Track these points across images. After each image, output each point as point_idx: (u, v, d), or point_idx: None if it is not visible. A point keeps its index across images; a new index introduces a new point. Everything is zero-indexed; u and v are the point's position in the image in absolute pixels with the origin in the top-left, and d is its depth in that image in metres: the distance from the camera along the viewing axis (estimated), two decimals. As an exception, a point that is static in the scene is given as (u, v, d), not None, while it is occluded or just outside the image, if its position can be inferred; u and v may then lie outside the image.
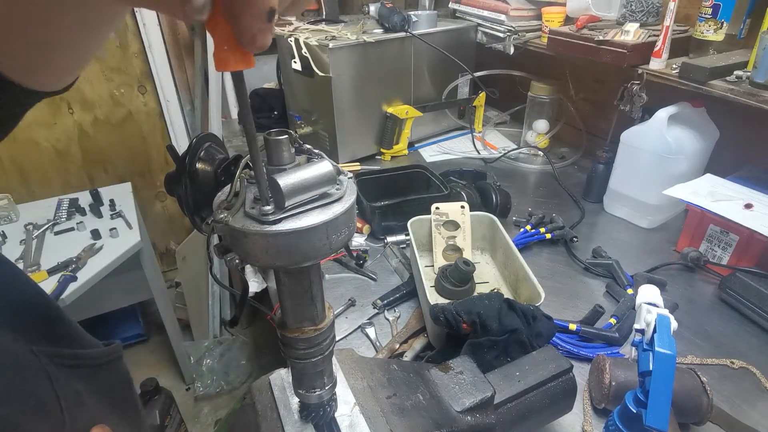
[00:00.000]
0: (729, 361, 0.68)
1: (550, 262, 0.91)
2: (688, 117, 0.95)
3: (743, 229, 0.78)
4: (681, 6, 0.92)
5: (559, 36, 1.07)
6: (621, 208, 1.04)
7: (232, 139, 1.52)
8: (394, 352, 0.70)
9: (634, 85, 0.96)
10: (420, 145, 1.40)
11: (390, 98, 1.27)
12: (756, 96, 0.77)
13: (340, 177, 0.30)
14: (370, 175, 1.05)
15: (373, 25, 1.24)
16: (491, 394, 0.48)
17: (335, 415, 0.41)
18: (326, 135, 1.23)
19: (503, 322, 0.57)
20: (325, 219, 0.26)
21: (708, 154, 0.99)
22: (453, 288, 0.75)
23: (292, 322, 0.34)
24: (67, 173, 1.83)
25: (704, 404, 0.56)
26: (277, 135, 0.29)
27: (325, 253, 0.28)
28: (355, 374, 0.46)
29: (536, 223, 0.97)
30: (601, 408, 0.61)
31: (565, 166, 1.28)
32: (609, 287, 0.83)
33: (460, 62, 1.28)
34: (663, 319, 0.47)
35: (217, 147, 0.55)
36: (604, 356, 0.62)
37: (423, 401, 0.46)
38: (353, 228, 0.30)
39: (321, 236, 0.27)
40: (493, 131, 1.49)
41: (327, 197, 0.27)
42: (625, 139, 0.98)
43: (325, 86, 1.14)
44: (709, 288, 0.83)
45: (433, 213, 0.84)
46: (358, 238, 0.96)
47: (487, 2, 1.27)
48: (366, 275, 0.87)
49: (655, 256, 0.91)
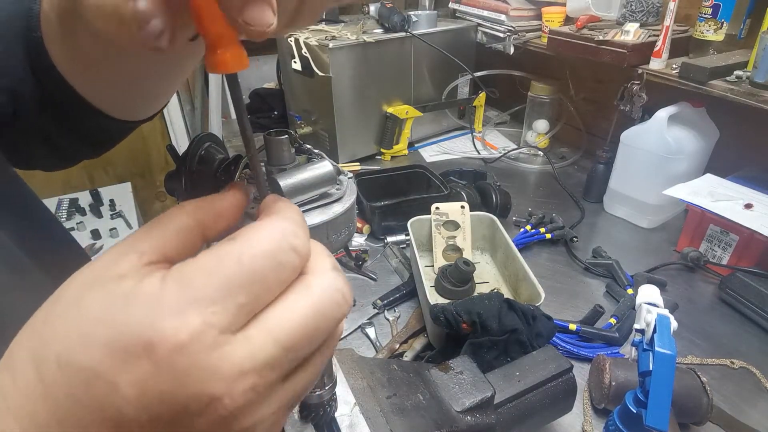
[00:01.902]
0: (729, 361, 0.68)
1: (550, 262, 0.91)
2: (688, 117, 0.95)
3: (743, 229, 0.78)
4: (681, 6, 0.92)
5: (559, 36, 1.07)
6: (621, 208, 1.04)
7: (231, 139, 1.52)
8: (394, 352, 0.70)
9: (634, 85, 0.96)
10: (420, 145, 1.40)
11: (390, 98, 1.27)
12: (756, 96, 0.77)
13: (340, 177, 0.30)
14: (370, 175, 1.05)
15: (373, 25, 1.24)
16: (491, 394, 0.48)
17: (335, 415, 0.41)
18: (326, 135, 1.23)
19: (503, 322, 0.57)
20: (325, 219, 0.26)
21: (708, 154, 0.99)
22: (453, 288, 0.75)
23: None
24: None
25: (704, 404, 0.56)
26: (277, 135, 0.29)
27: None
28: (355, 374, 0.46)
29: (536, 223, 0.97)
30: (601, 408, 0.61)
31: (565, 166, 1.28)
32: (609, 287, 0.83)
33: (460, 62, 1.28)
34: (663, 319, 0.47)
35: (217, 147, 0.55)
36: (604, 356, 0.62)
37: (423, 401, 0.46)
38: (353, 228, 0.30)
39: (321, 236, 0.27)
40: (493, 131, 1.49)
41: (327, 197, 0.27)
42: (625, 139, 0.98)
43: (325, 86, 1.14)
44: (709, 288, 0.83)
45: (433, 213, 0.84)
46: (358, 238, 0.96)
47: (487, 2, 1.27)
48: (366, 275, 0.87)
49: (655, 256, 0.91)
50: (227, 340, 0.18)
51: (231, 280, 0.18)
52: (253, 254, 0.19)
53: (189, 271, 0.18)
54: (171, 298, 0.18)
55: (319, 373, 0.21)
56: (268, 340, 0.18)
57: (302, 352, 0.19)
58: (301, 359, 0.20)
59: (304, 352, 0.19)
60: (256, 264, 0.19)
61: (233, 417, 0.18)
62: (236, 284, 0.18)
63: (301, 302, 0.19)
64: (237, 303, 0.18)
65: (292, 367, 0.19)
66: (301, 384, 0.20)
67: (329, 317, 0.20)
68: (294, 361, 0.19)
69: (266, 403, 0.19)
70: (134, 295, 0.18)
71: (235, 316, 0.18)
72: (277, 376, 0.18)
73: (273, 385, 0.19)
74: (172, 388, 0.17)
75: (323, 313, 0.19)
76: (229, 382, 0.17)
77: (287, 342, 0.18)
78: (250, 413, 0.18)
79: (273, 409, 0.19)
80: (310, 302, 0.19)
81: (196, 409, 0.17)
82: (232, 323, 0.18)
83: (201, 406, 0.17)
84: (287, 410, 0.21)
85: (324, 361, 0.22)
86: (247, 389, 0.17)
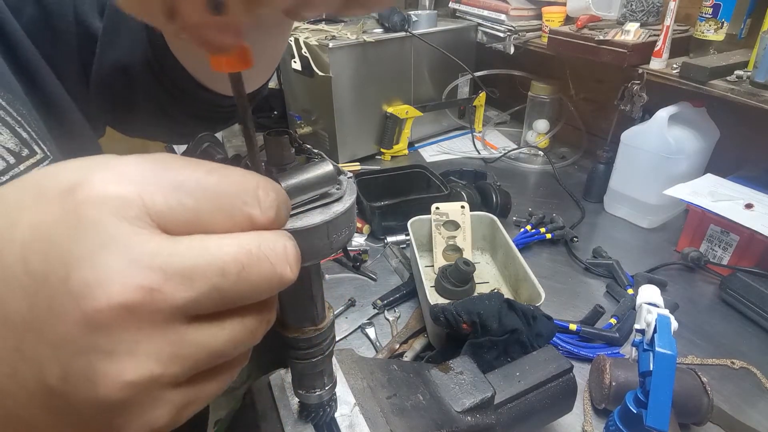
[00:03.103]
0: (729, 361, 0.68)
1: (550, 262, 0.91)
2: (689, 117, 0.94)
3: (744, 229, 0.78)
4: (681, 6, 0.92)
5: (559, 36, 1.07)
6: (621, 208, 1.04)
7: (231, 139, 1.52)
8: (394, 353, 0.70)
9: (635, 85, 0.96)
10: (420, 145, 1.40)
11: (390, 98, 1.27)
12: (756, 96, 0.77)
13: (339, 177, 0.30)
14: (370, 175, 1.05)
15: (373, 24, 1.24)
16: (491, 395, 0.48)
17: (335, 416, 0.41)
18: (326, 135, 1.23)
19: (503, 322, 0.57)
20: (326, 219, 0.26)
21: (708, 154, 0.99)
22: (453, 288, 0.75)
23: (292, 323, 0.34)
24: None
25: (705, 404, 0.56)
26: (277, 135, 0.29)
27: (326, 253, 0.28)
28: (355, 374, 0.46)
29: (536, 223, 0.97)
30: (601, 408, 0.61)
31: (565, 166, 1.28)
32: (609, 287, 0.83)
33: (460, 62, 1.28)
34: (663, 319, 0.47)
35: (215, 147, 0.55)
36: (604, 356, 0.62)
37: (423, 401, 0.46)
38: (353, 228, 0.29)
39: (322, 236, 0.27)
40: (493, 131, 1.49)
41: (327, 197, 0.27)
42: (626, 139, 0.98)
43: (325, 86, 1.13)
44: (710, 288, 0.83)
45: (433, 213, 0.83)
46: (358, 238, 0.96)
47: (487, 2, 1.27)
48: (366, 275, 0.87)
49: (655, 256, 0.91)
50: (148, 226, 0.15)
51: (185, 179, 0.17)
52: (222, 174, 0.18)
53: (156, 155, 0.17)
54: (119, 160, 0.16)
55: (233, 344, 0.18)
56: (187, 255, 0.16)
57: (208, 294, 0.16)
58: (208, 305, 0.16)
59: (210, 295, 0.16)
60: (217, 182, 0.17)
61: (105, 316, 0.14)
62: (188, 185, 0.17)
63: (240, 239, 0.17)
64: (179, 199, 0.16)
65: (195, 308, 0.16)
66: (206, 341, 0.17)
67: (256, 276, 0.17)
68: (200, 301, 0.16)
69: (152, 331, 0.15)
70: (88, 159, 0.17)
71: (171, 210, 0.16)
72: (175, 301, 0.15)
73: (165, 312, 0.15)
74: (64, 241, 0.15)
75: (252, 266, 0.17)
76: (127, 264, 0.15)
77: (201, 267, 0.16)
78: (130, 324, 0.15)
79: (154, 350, 0.15)
80: (246, 248, 0.17)
81: (76, 285, 0.14)
82: (165, 213, 0.16)
83: (81, 283, 0.14)
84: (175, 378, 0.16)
85: (243, 331, 0.18)
86: (139, 286, 0.15)
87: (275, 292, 0.19)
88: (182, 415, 0.18)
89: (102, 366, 0.15)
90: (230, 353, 0.18)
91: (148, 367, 0.15)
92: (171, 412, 0.17)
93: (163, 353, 0.16)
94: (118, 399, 0.15)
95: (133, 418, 0.16)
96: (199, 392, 0.18)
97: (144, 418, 0.16)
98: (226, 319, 0.18)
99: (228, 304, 0.17)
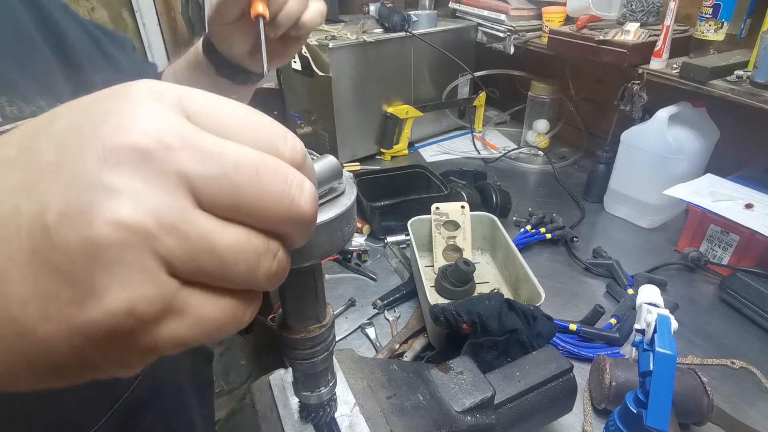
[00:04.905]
0: (729, 361, 0.68)
1: (550, 262, 0.91)
2: (689, 117, 0.94)
3: (744, 229, 0.78)
4: (681, 6, 0.92)
5: (559, 36, 1.07)
6: (621, 208, 1.04)
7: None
8: (394, 353, 0.70)
9: (635, 85, 0.96)
10: (420, 145, 1.40)
11: (390, 98, 1.27)
12: (756, 96, 0.77)
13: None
14: (370, 175, 1.05)
15: (373, 24, 1.24)
16: (491, 395, 0.48)
17: (335, 416, 0.41)
18: (326, 135, 1.23)
19: (503, 322, 0.57)
20: (339, 212, 0.26)
21: (708, 154, 0.99)
22: (453, 288, 0.75)
23: (296, 323, 0.34)
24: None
25: (705, 404, 0.56)
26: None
27: (341, 246, 0.28)
28: (355, 374, 0.46)
29: (536, 223, 0.97)
30: (601, 408, 0.61)
31: (565, 166, 1.28)
32: (609, 287, 0.83)
33: (460, 62, 1.28)
34: (663, 319, 0.47)
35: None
36: (604, 356, 0.62)
37: (423, 401, 0.46)
38: (355, 224, 0.29)
39: (335, 229, 0.26)
40: (493, 131, 1.49)
41: (334, 191, 0.27)
42: (626, 139, 0.98)
43: (325, 86, 1.13)
44: (710, 288, 0.83)
45: (433, 213, 0.83)
46: (358, 238, 0.96)
47: (487, 2, 1.27)
48: (366, 275, 0.87)
49: (655, 256, 0.91)
50: (181, 114, 0.17)
51: (224, 101, 0.19)
52: (257, 112, 0.19)
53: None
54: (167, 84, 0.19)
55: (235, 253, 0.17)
56: (208, 140, 0.17)
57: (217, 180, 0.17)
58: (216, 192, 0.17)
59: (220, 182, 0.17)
60: (251, 112, 0.19)
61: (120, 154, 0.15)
62: (224, 105, 0.18)
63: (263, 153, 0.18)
64: (214, 110, 0.18)
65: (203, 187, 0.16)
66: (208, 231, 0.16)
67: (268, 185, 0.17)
68: (209, 184, 0.16)
69: (159, 188, 0.16)
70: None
71: (205, 114, 0.18)
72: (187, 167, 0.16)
73: (174, 174, 0.16)
74: (107, 101, 0.17)
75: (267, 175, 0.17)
76: (155, 123, 0.16)
77: (217, 152, 0.17)
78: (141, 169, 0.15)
79: (156, 204, 0.15)
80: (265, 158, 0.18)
81: (106, 129, 0.16)
82: (198, 114, 0.18)
83: (111, 128, 0.16)
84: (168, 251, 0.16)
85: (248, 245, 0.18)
86: (159, 139, 0.16)
87: (286, 220, 0.18)
88: (167, 325, 0.16)
89: (102, 203, 0.15)
90: (230, 267, 0.17)
91: (145, 217, 0.15)
92: (156, 297, 0.16)
93: (164, 215, 0.15)
94: (107, 238, 0.15)
95: (116, 278, 0.15)
96: (190, 302, 0.17)
97: (127, 286, 0.15)
98: (234, 224, 0.17)
99: (237, 206, 0.17)
